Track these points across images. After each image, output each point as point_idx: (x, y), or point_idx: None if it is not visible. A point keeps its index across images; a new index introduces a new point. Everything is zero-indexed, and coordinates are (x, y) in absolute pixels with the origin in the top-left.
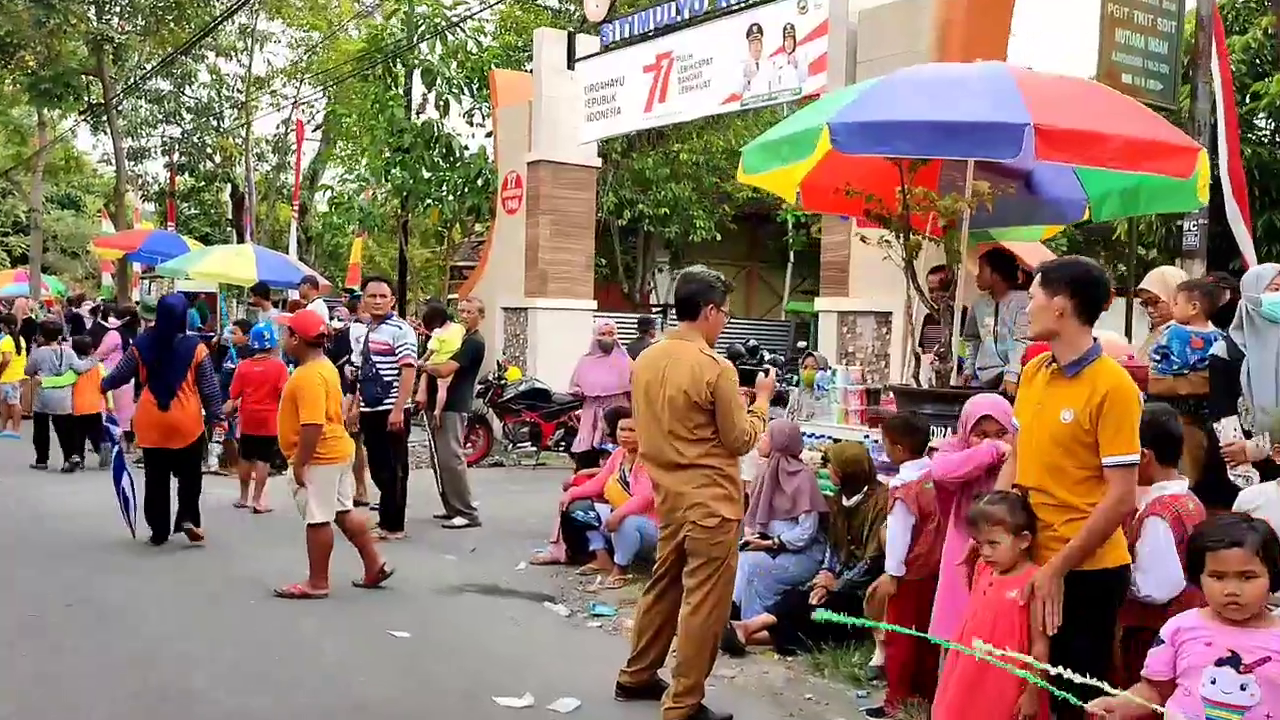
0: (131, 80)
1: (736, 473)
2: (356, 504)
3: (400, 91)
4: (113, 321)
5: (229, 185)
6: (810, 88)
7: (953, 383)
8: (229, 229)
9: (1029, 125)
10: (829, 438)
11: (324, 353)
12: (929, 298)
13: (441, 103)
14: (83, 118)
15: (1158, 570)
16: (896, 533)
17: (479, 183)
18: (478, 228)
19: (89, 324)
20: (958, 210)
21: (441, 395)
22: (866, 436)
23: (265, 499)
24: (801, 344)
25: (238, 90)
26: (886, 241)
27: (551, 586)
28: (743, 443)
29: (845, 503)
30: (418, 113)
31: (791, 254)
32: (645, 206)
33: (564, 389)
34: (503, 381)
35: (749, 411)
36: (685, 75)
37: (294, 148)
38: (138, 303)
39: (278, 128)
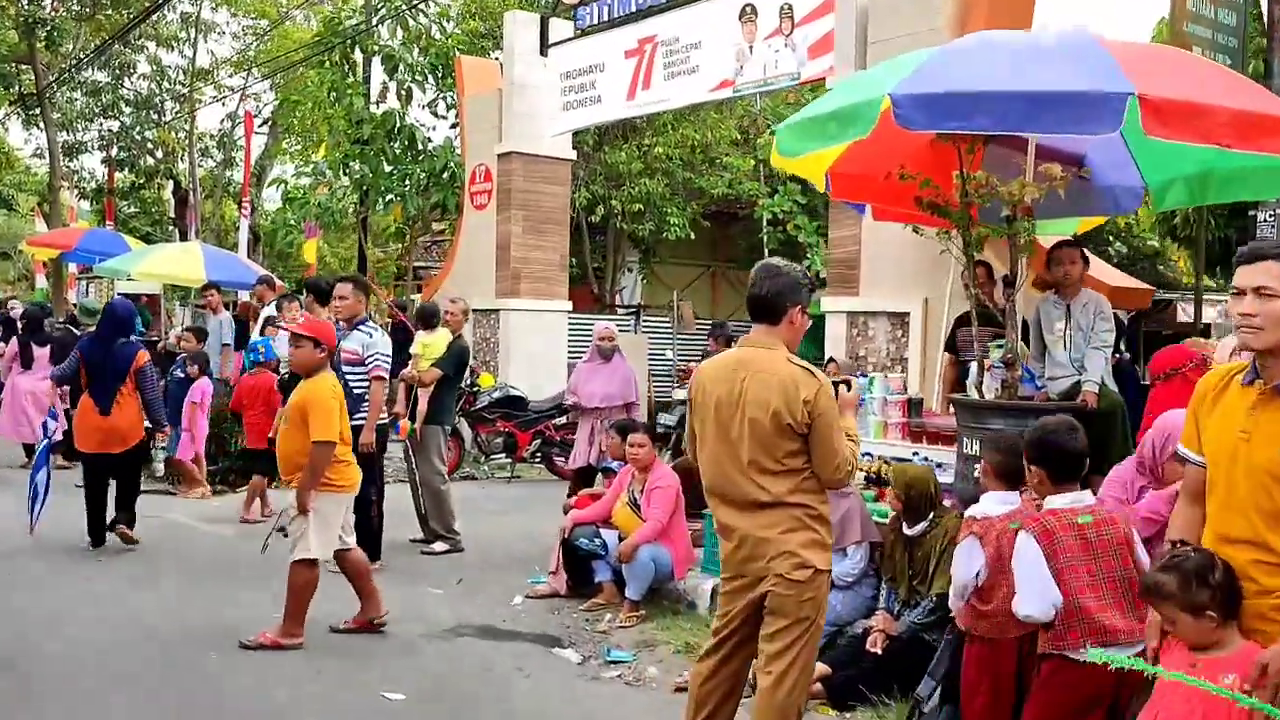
0: (67, 68)
1: (828, 512)
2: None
3: (359, 79)
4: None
5: (171, 182)
6: (810, 73)
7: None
8: (171, 228)
9: (1132, 95)
10: (871, 455)
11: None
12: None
13: (404, 91)
14: (13, 108)
15: (1027, 588)
16: (961, 564)
17: (444, 176)
18: (435, 226)
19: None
20: (1023, 197)
21: (422, 406)
22: (916, 454)
23: (255, 511)
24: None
25: (179, 82)
26: (945, 234)
27: (556, 626)
28: (845, 474)
29: (907, 531)
30: (377, 102)
31: (767, 252)
32: (618, 202)
33: (539, 396)
34: (475, 389)
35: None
36: (671, 60)
37: (240, 143)
38: (74, 305)
39: (222, 122)
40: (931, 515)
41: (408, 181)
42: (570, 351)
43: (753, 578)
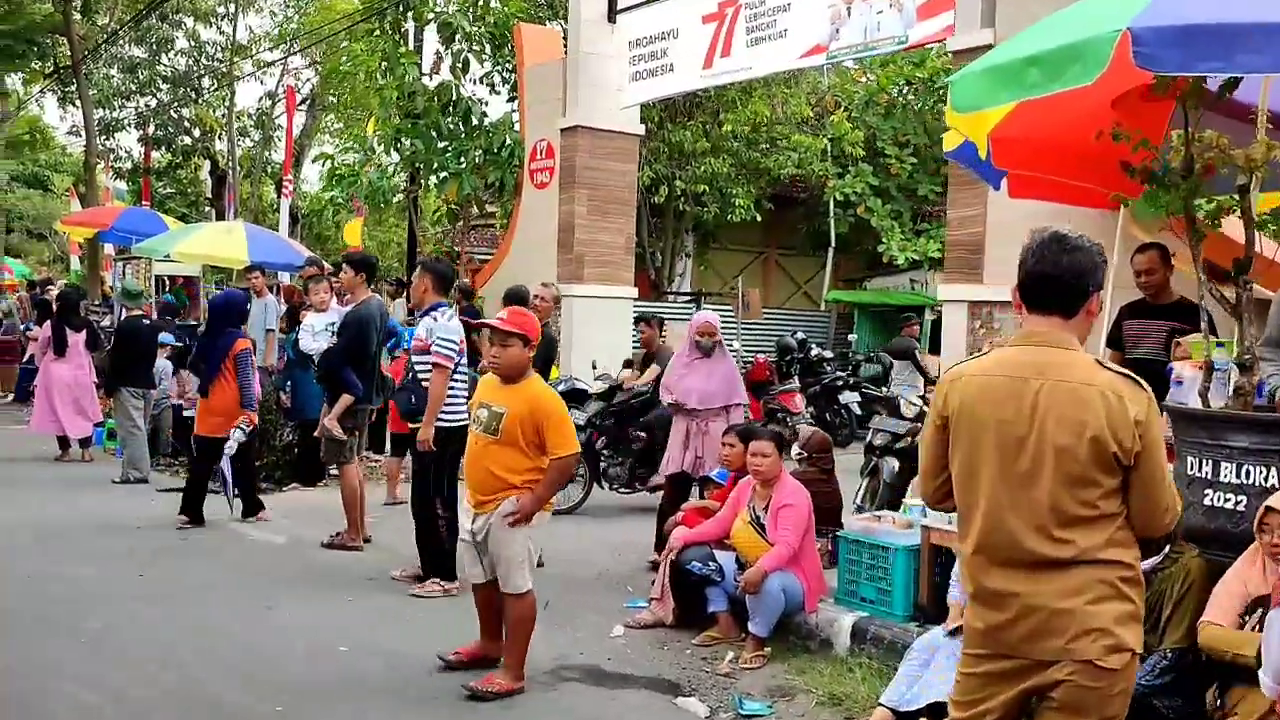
0: (103, 41)
1: (1140, 573)
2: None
3: (411, 49)
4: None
5: (208, 162)
6: (921, 35)
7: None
8: (208, 209)
9: None
10: None
11: None
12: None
13: (461, 61)
14: (49, 82)
15: None
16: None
17: (502, 153)
18: (478, 209)
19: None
20: (1267, 162)
21: None
22: None
23: (399, 489)
24: (853, 337)
25: (217, 59)
26: (1156, 207)
27: (670, 666)
28: (1170, 522)
29: None
30: (430, 74)
31: (834, 237)
32: (682, 183)
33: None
34: None
35: None
36: (756, 25)
37: (279, 122)
38: (112, 287)
39: (260, 100)
40: (1167, 549)
41: (463, 159)
42: (635, 343)
43: (1033, 661)
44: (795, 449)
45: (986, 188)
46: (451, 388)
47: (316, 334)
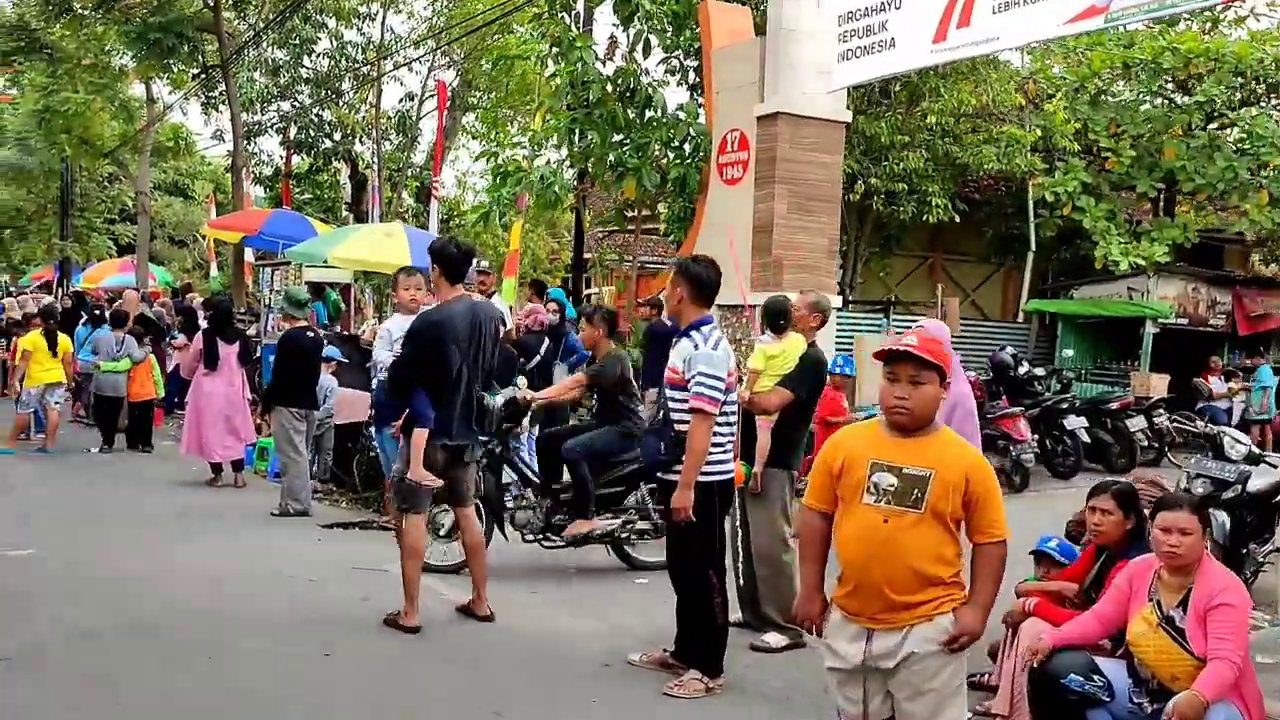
0: (250, 38)
1: None
2: None
3: (585, 32)
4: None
5: (347, 165)
6: None
7: None
8: (346, 214)
9: None
10: None
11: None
12: None
13: (642, 44)
14: (195, 83)
15: None
16: None
17: (684, 146)
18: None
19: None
20: None
21: (762, 442)
22: None
23: None
24: (1068, 352)
25: (356, 60)
26: None
27: None
28: None
29: None
30: (604, 59)
31: (1033, 241)
32: (877, 179)
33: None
34: None
35: None
36: None
37: (421, 124)
38: (252, 294)
39: (401, 101)
40: None
41: (641, 153)
42: (840, 354)
43: None
44: None
45: None
46: (716, 431)
47: (395, 342)
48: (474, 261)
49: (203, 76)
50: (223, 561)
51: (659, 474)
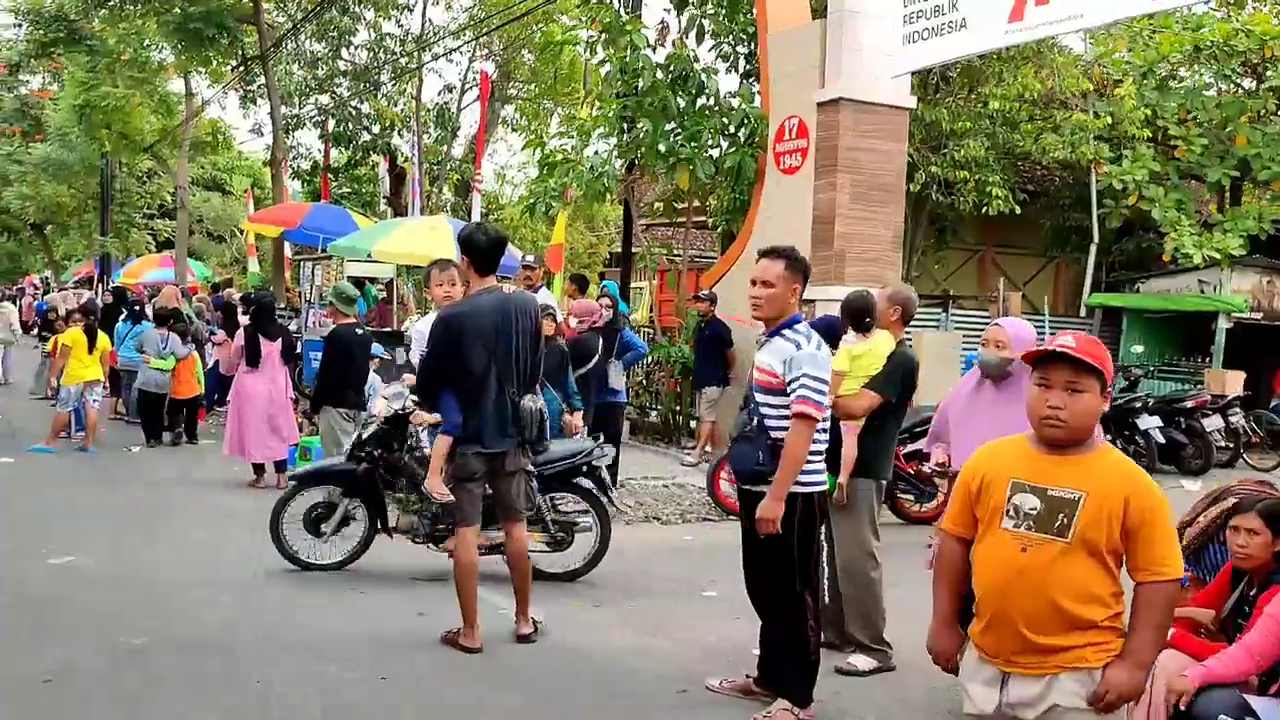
0: (287, 30)
1: None
2: None
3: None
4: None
5: (386, 159)
6: None
7: None
8: (384, 209)
9: None
10: None
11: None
12: None
13: (696, 28)
14: (235, 76)
15: None
16: None
17: (739, 134)
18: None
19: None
20: None
21: (848, 451)
22: None
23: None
24: (1138, 348)
25: (394, 52)
26: None
27: None
28: None
29: None
30: (655, 45)
31: (1096, 233)
32: (936, 168)
33: None
34: None
35: None
36: None
37: (460, 117)
38: (291, 289)
39: (439, 94)
40: None
41: (693, 142)
42: None
43: None
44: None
45: None
46: (813, 439)
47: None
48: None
49: (242, 69)
50: (268, 570)
51: (748, 485)
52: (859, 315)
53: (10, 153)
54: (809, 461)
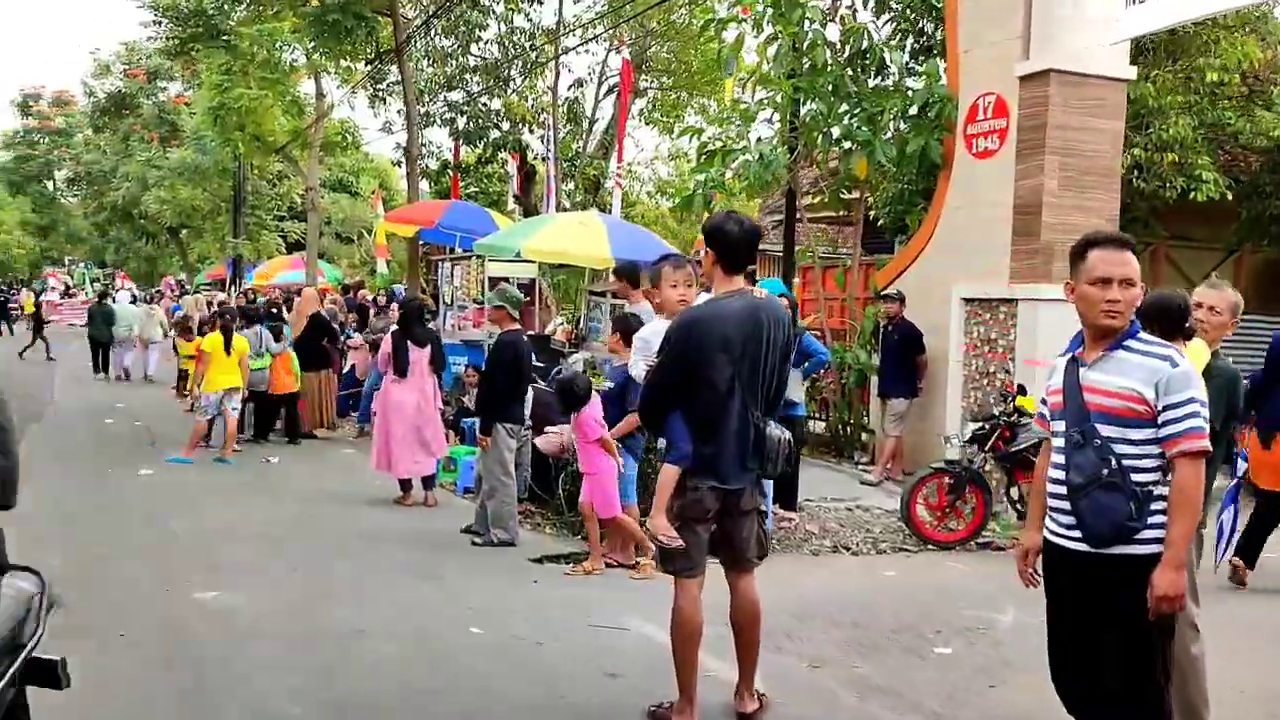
0: (420, 23)
1: None
2: None
3: None
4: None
5: (515, 156)
6: None
7: None
8: (513, 208)
9: None
10: None
11: None
12: None
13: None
14: (367, 71)
15: None
16: None
17: (925, 114)
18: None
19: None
20: None
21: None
22: None
23: None
24: None
25: (523, 45)
26: None
27: None
28: None
29: None
30: (824, 22)
31: None
32: (1139, 150)
33: None
34: (1011, 418)
35: None
36: None
37: (597, 111)
38: (446, 287)
39: (569, 88)
40: None
41: (872, 124)
42: None
43: None
44: None
45: None
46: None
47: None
48: (753, 252)
49: (375, 64)
50: (425, 611)
51: (1104, 548)
52: (1172, 321)
53: (149, 158)
54: (1156, 509)
